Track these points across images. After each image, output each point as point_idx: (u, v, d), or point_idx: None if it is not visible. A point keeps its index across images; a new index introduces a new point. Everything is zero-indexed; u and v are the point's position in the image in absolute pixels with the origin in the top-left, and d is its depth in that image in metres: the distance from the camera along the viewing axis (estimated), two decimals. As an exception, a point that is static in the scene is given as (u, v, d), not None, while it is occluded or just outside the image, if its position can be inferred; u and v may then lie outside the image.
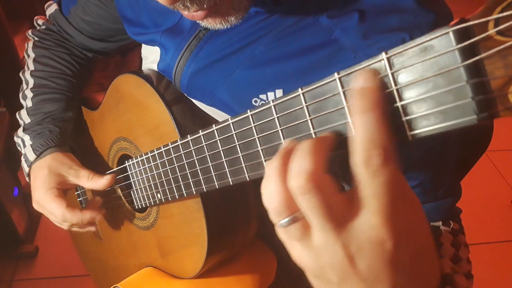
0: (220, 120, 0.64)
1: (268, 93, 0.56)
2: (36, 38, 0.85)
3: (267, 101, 0.55)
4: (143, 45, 0.77)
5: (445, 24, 0.47)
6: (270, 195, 0.32)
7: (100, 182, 0.72)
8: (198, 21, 0.51)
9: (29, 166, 0.76)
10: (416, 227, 0.30)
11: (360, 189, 0.29)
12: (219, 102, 0.61)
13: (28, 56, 0.84)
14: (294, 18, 0.55)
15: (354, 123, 0.29)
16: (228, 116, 0.62)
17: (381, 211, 0.28)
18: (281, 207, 0.31)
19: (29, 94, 0.80)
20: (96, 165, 0.83)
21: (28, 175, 0.78)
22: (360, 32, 0.50)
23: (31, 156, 0.75)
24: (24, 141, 0.77)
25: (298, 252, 0.33)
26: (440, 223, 0.58)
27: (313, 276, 0.34)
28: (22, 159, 0.78)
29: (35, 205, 0.75)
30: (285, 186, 0.31)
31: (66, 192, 0.77)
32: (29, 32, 0.86)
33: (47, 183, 0.72)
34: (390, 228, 0.29)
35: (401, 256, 0.29)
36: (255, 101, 0.57)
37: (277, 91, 0.55)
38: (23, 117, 0.80)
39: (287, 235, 0.33)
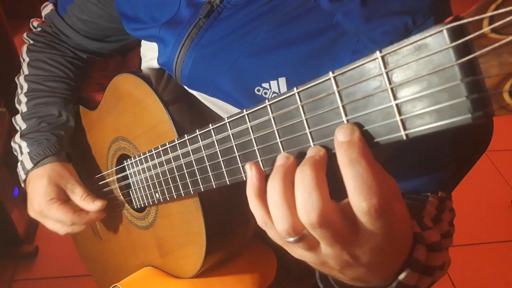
0: (221, 111, 0.64)
1: (271, 82, 0.56)
2: (30, 41, 0.85)
3: (269, 90, 0.56)
4: (142, 43, 0.77)
5: (442, 8, 0.48)
6: (278, 220, 0.34)
7: (91, 206, 0.73)
8: None
9: (26, 174, 0.76)
10: (403, 225, 0.35)
11: (362, 225, 0.33)
12: (221, 92, 0.61)
13: (23, 60, 0.84)
14: (295, 2, 0.55)
15: (343, 174, 0.31)
16: (230, 107, 0.62)
17: (383, 239, 0.33)
18: (290, 231, 0.34)
19: (24, 99, 0.80)
20: (95, 165, 0.83)
21: (24, 181, 0.77)
22: (362, 16, 0.50)
23: (28, 164, 0.75)
24: (21, 148, 0.77)
25: (301, 254, 0.37)
26: (428, 193, 0.62)
27: (313, 264, 0.38)
28: (19, 165, 0.78)
29: (34, 214, 0.75)
30: (291, 212, 0.33)
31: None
32: (24, 35, 0.86)
33: (47, 193, 0.72)
34: (390, 244, 0.34)
35: (392, 244, 0.35)
36: (258, 90, 0.57)
37: (280, 79, 0.55)
38: (19, 122, 0.79)
39: (293, 247, 0.36)
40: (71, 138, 0.83)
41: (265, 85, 0.56)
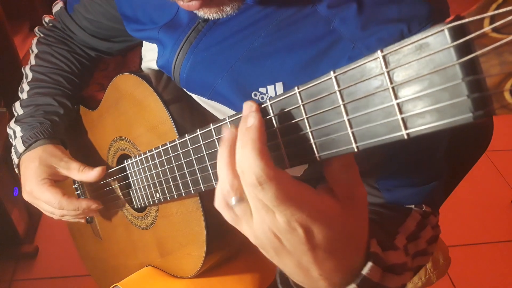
0: (219, 114, 0.64)
1: (268, 87, 0.56)
2: (41, 35, 0.87)
3: (266, 94, 0.56)
4: (143, 43, 0.78)
5: (440, 16, 0.48)
6: (222, 181, 0.38)
7: (90, 174, 0.72)
8: (195, 11, 0.53)
9: (19, 157, 0.76)
10: (327, 219, 0.36)
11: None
12: (219, 95, 0.61)
13: (32, 51, 0.86)
14: (293, 8, 0.55)
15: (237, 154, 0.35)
16: (228, 109, 0.62)
17: (282, 213, 0.35)
18: (231, 192, 0.37)
19: (26, 87, 0.81)
20: (96, 164, 0.83)
21: (18, 166, 0.78)
22: (359, 23, 0.51)
23: (21, 147, 0.75)
24: (15, 132, 0.77)
25: (244, 230, 0.39)
26: (413, 206, 0.62)
27: (259, 247, 0.40)
28: (12, 150, 0.78)
29: (26, 196, 0.75)
30: (233, 174, 0.37)
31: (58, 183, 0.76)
32: (36, 29, 0.88)
33: (38, 174, 0.72)
34: (296, 221, 0.35)
35: (316, 239, 0.36)
36: (255, 95, 0.57)
37: (277, 84, 0.56)
38: (17, 109, 0.80)
39: (234, 214, 0.39)
40: (71, 137, 0.83)
41: (262, 89, 0.57)
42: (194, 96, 0.65)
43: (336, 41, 0.52)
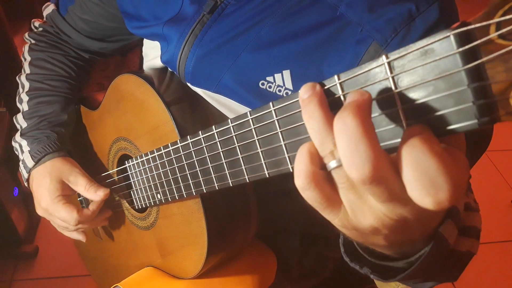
0: (224, 109, 0.64)
1: (276, 75, 0.56)
2: (32, 41, 0.85)
3: (274, 83, 0.56)
4: (144, 42, 0.77)
5: None
6: (320, 145, 0.30)
7: (95, 195, 0.73)
8: None
9: (28, 172, 0.76)
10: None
11: None
12: (225, 88, 0.61)
13: (25, 59, 0.84)
14: None
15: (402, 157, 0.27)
16: (233, 103, 0.62)
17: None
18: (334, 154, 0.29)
19: (25, 97, 0.80)
20: (96, 165, 0.83)
21: (27, 180, 0.78)
22: (365, 6, 0.51)
23: (30, 162, 0.75)
24: (21, 146, 0.77)
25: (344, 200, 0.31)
26: None
27: (338, 225, 0.33)
28: (21, 164, 0.78)
29: (41, 212, 0.76)
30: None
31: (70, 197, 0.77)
32: (26, 35, 0.86)
33: (51, 191, 0.73)
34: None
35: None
36: (262, 84, 0.57)
37: (284, 72, 0.56)
38: (20, 121, 0.79)
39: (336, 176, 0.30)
40: (71, 137, 0.83)
41: (269, 78, 0.56)
42: (199, 90, 0.65)
43: (343, 26, 0.52)
